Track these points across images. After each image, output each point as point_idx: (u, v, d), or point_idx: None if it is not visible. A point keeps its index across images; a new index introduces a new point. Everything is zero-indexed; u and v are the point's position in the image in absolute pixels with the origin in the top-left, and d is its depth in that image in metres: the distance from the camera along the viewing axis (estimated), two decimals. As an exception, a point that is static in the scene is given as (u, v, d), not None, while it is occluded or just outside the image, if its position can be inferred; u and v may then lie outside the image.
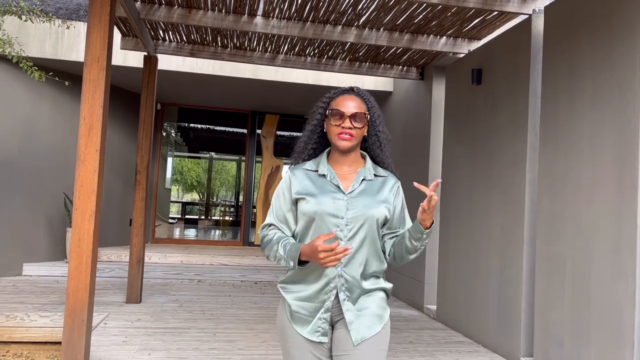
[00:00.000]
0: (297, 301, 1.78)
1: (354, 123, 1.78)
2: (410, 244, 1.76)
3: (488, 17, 4.78)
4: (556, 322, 3.63)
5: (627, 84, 3.11)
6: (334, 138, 1.80)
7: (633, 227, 3.00)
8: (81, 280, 3.38)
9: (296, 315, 1.77)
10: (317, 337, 1.75)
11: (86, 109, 3.44)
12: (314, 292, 1.76)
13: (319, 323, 1.75)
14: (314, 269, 1.75)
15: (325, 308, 1.75)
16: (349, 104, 1.79)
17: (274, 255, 1.78)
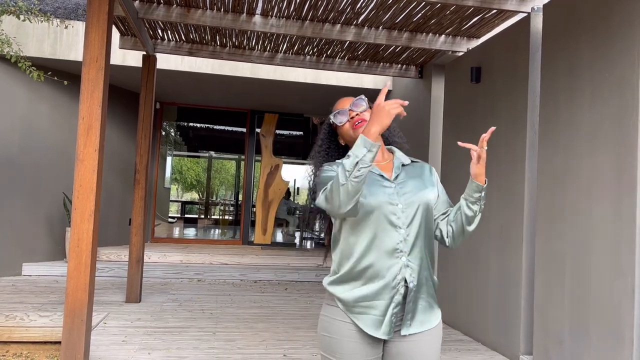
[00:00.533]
0: (364, 301, 1.64)
1: (357, 109, 1.77)
2: (469, 211, 1.70)
3: (487, 16, 4.77)
4: (555, 320, 3.63)
5: (627, 83, 3.11)
6: (352, 134, 1.77)
7: (632, 226, 3.00)
8: (80, 280, 3.38)
9: (365, 317, 1.64)
10: (389, 335, 1.66)
11: (85, 108, 3.44)
12: (382, 287, 1.64)
13: (392, 320, 1.65)
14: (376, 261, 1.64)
15: (396, 303, 1.65)
16: (344, 102, 1.82)
17: (343, 179, 1.48)
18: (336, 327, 1.67)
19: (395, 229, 1.65)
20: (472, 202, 1.70)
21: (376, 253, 1.64)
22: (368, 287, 1.64)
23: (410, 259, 1.66)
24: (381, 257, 1.64)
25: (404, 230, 1.66)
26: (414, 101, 6.63)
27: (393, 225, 1.66)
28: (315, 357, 4.00)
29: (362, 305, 1.64)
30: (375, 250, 1.64)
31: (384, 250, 1.64)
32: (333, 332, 1.68)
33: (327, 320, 1.70)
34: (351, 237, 1.68)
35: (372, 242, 1.65)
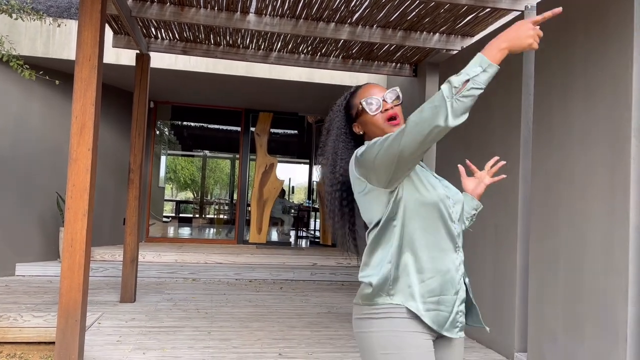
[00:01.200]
0: (433, 295, 1.47)
1: (392, 102, 1.62)
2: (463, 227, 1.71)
3: (481, 14, 4.78)
4: (550, 317, 3.65)
5: (620, 81, 3.12)
6: (385, 127, 1.59)
7: (625, 224, 3.01)
8: (74, 280, 3.37)
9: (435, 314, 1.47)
10: (457, 333, 1.53)
11: (78, 107, 3.42)
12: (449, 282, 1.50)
13: (457, 317, 1.52)
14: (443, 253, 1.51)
15: (461, 299, 1.53)
16: (373, 91, 1.63)
17: (449, 94, 1.28)
18: (404, 340, 1.44)
19: (453, 223, 1.57)
20: (467, 217, 1.72)
21: (443, 245, 1.52)
22: (437, 280, 1.48)
23: (462, 255, 1.60)
24: (446, 250, 1.52)
25: (457, 225, 1.58)
26: (408, 100, 6.64)
27: (452, 220, 1.56)
28: (310, 355, 4.00)
29: (431, 302, 1.47)
30: (442, 241, 1.52)
31: (449, 243, 1.53)
32: (403, 346, 1.44)
33: (391, 335, 1.44)
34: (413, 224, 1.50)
35: (439, 233, 1.52)
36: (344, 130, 1.68)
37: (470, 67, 1.29)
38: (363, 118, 1.63)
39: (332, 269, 7.80)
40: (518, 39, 1.29)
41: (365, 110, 1.61)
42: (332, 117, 1.71)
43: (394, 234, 1.51)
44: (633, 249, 2.98)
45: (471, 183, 1.72)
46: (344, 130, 1.68)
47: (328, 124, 1.72)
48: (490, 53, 1.30)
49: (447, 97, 1.26)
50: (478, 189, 1.71)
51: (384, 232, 1.53)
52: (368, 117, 1.61)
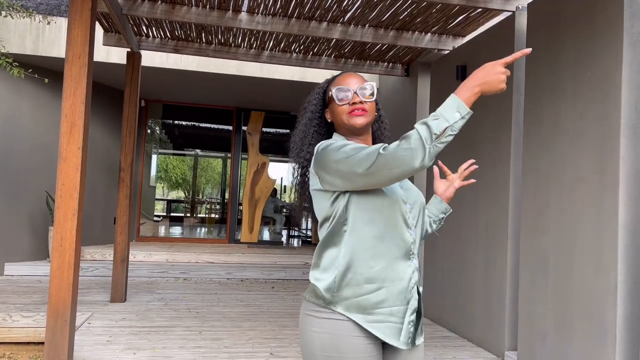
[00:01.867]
0: (384, 307, 1.44)
1: (363, 97, 1.56)
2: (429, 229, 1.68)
3: (472, 14, 4.80)
4: (540, 316, 3.67)
5: (609, 82, 3.14)
6: (345, 118, 1.55)
7: (614, 223, 3.04)
8: (64, 280, 3.34)
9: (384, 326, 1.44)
10: (408, 345, 1.48)
11: (67, 106, 3.39)
12: (401, 292, 1.46)
13: (408, 328, 1.47)
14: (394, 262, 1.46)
15: (412, 309, 1.48)
16: (350, 80, 1.58)
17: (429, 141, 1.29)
18: (347, 344, 1.41)
19: (409, 229, 1.52)
20: (435, 220, 1.69)
21: (395, 253, 1.47)
22: (387, 290, 1.44)
23: (417, 262, 1.55)
24: (398, 258, 1.47)
25: (413, 231, 1.54)
26: (400, 100, 6.65)
27: (407, 225, 1.51)
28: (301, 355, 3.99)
29: (380, 313, 1.43)
30: (394, 249, 1.47)
31: (401, 251, 1.48)
32: (344, 350, 1.42)
33: (332, 338, 1.42)
34: (365, 232, 1.46)
35: (392, 241, 1.47)
36: (318, 114, 1.65)
37: (448, 111, 1.31)
38: (332, 105, 1.60)
39: (323, 268, 7.79)
40: (490, 83, 1.33)
41: (333, 98, 1.58)
42: (310, 99, 1.68)
43: (344, 240, 1.47)
44: (622, 248, 3.01)
45: (442, 185, 1.70)
46: (318, 115, 1.65)
47: (306, 103, 1.69)
48: (464, 96, 1.32)
49: (426, 142, 1.29)
50: (448, 191, 1.68)
51: (334, 235, 1.50)
52: (335, 105, 1.58)
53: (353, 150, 1.40)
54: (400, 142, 1.32)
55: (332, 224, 1.51)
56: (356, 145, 1.42)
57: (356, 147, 1.41)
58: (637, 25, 3.07)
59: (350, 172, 1.39)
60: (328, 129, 1.67)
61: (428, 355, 4.15)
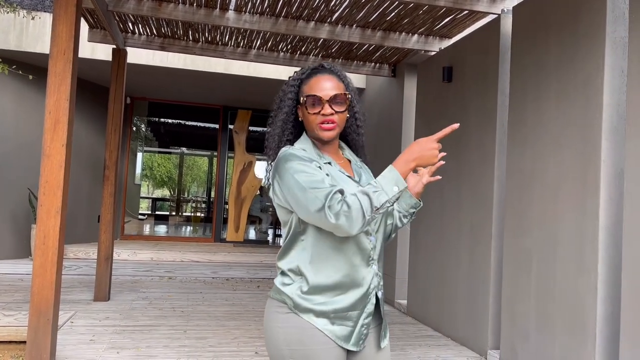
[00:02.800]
0: (341, 312, 1.49)
1: (335, 107, 1.54)
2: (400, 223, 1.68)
3: (458, 16, 4.84)
4: (522, 315, 3.72)
5: (592, 84, 3.20)
6: (315, 129, 1.55)
7: (595, 223, 3.09)
8: (46, 278, 3.30)
9: (339, 329, 1.49)
10: (361, 346, 1.53)
11: (52, 102, 3.35)
12: (359, 298, 1.51)
13: (361, 330, 1.53)
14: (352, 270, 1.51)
15: (367, 313, 1.53)
16: (325, 85, 1.54)
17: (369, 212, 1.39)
18: (311, 337, 1.47)
19: (368, 236, 1.54)
20: (405, 215, 1.68)
21: (353, 261, 1.51)
22: (345, 298, 1.50)
23: (378, 267, 1.58)
24: (357, 266, 1.51)
25: (373, 237, 1.56)
26: (386, 100, 6.68)
27: (366, 233, 1.54)
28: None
29: (338, 317, 1.49)
30: (352, 258, 1.51)
31: (359, 259, 1.52)
32: (308, 342, 1.47)
33: (297, 332, 1.48)
34: (323, 243, 1.50)
35: (349, 251, 1.51)
36: (294, 109, 1.63)
37: (388, 184, 1.41)
38: (303, 110, 1.59)
39: (309, 268, 7.80)
40: (424, 158, 1.45)
41: (305, 105, 1.56)
42: (287, 90, 1.63)
43: (303, 250, 1.51)
44: (603, 248, 3.06)
45: (412, 180, 1.68)
46: (294, 111, 1.63)
47: (282, 94, 1.65)
48: (402, 169, 1.43)
49: (366, 213, 1.38)
50: (417, 187, 1.66)
51: (293, 243, 1.54)
52: (306, 113, 1.57)
53: (306, 183, 1.43)
54: (342, 207, 1.38)
55: (290, 232, 1.55)
56: (310, 179, 1.44)
57: (310, 181, 1.43)
58: (619, 29, 3.12)
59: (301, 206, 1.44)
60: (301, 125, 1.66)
61: (412, 354, 4.19)
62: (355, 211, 1.37)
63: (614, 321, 3.06)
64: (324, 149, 1.61)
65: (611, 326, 3.06)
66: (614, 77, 3.11)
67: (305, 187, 1.42)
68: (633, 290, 2.76)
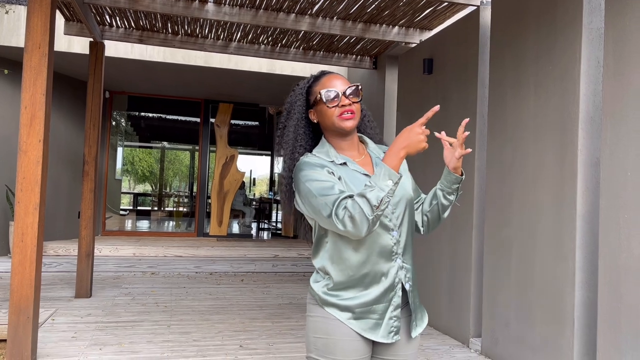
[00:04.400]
0: (365, 307, 1.56)
1: (351, 98, 1.61)
2: (446, 201, 1.67)
3: (438, 8, 4.86)
4: (503, 303, 3.79)
5: (569, 77, 3.25)
6: (335, 121, 1.60)
7: (572, 212, 3.15)
8: (26, 276, 3.26)
9: (363, 322, 1.56)
10: (392, 338, 1.58)
11: (27, 97, 3.29)
12: (381, 292, 1.56)
13: (390, 323, 1.58)
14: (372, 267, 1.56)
15: (395, 305, 1.58)
16: (335, 82, 1.63)
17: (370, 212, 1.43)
18: (334, 327, 1.56)
19: (389, 232, 1.58)
20: (450, 192, 1.67)
21: (373, 258, 1.56)
22: (369, 293, 1.56)
23: (404, 259, 1.61)
24: (378, 262, 1.57)
25: (396, 232, 1.59)
26: (368, 92, 6.70)
27: (386, 229, 1.58)
28: (271, 346, 4.01)
29: (362, 312, 1.57)
30: (371, 256, 1.56)
31: (380, 255, 1.57)
32: (331, 332, 1.56)
33: (323, 322, 1.58)
34: (341, 244, 1.57)
35: (368, 249, 1.56)
36: (305, 115, 1.68)
37: (381, 180, 1.45)
38: (319, 107, 1.64)
39: (293, 261, 7.82)
40: (412, 145, 1.49)
41: (322, 100, 1.61)
42: (294, 100, 1.69)
43: (327, 250, 1.60)
44: (580, 237, 3.13)
45: (448, 155, 1.65)
46: (305, 115, 1.68)
47: (289, 105, 1.70)
48: (392, 162, 1.48)
49: (368, 216, 1.42)
50: (452, 162, 1.63)
51: (319, 244, 1.63)
52: (324, 107, 1.62)
53: (317, 190, 1.50)
54: (345, 213, 1.44)
55: (315, 234, 1.65)
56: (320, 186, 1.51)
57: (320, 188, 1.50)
58: (595, 21, 3.17)
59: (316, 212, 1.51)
60: (314, 129, 1.71)
61: (396, 343, 4.23)
62: (358, 215, 1.42)
63: (591, 307, 3.13)
64: (343, 147, 1.66)
65: (589, 312, 3.13)
66: (590, 67, 3.17)
67: (316, 194, 1.50)
68: (609, 276, 2.83)
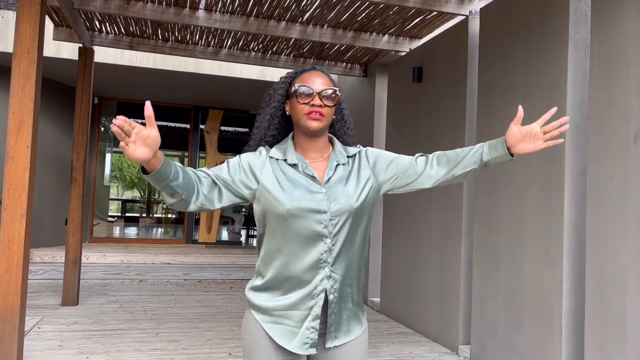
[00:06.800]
0: (280, 310, 1.52)
1: (324, 101, 1.56)
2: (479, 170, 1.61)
3: (428, 17, 4.91)
4: (492, 310, 3.81)
5: (556, 84, 3.29)
6: (302, 119, 1.55)
7: (560, 220, 3.18)
8: (12, 284, 3.22)
9: (278, 327, 1.52)
10: (306, 350, 1.52)
11: (15, 103, 3.27)
12: (300, 298, 1.51)
13: (306, 334, 1.51)
14: (296, 271, 1.51)
15: (314, 315, 1.52)
16: (316, 80, 1.57)
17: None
18: (256, 328, 1.54)
19: (321, 239, 1.51)
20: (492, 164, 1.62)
21: (298, 263, 1.51)
22: (287, 297, 1.52)
23: (334, 269, 1.53)
24: (303, 268, 1.51)
25: (329, 239, 1.52)
26: (358, 100, 6.73)
27: (318, 235, 1.51)
28: (260, 354, 3.99)
29: (276, 315, 1.53)
30: (296, 260, 1.51)
31: (306, 261, 1.51)
32: (253, 333, 1.55)
33: (248, 322, 1.57)
34: (271, 244, 1.54)
35: (294, 252, 1.51)
36: (283, 104, 1.65)
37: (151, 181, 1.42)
38: (292, 101, 1.60)
39: (283, 268, 7.79)
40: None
41: (296, 94, 1.57)
42: (276, 88, 1.66)
43: (262, 249, 1.58)
44: (567, 244, 3.16)
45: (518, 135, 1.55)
46: (283, 105, 1.65)
47: (272, 92, 1.67)
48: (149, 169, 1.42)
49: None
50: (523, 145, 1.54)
51: (259, 243, 1.62)
52: (295, 102, 1.57)
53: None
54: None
55: (258, 230, 1.62)
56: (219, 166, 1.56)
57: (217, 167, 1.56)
58: (581, 32, 3.22)
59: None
60: (289, 121, 1.68)
61: (385, 351, 4.23)
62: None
63: (578, 314, 3.16)
64: (305, 147, 1.61)
65: (576, 319, 3.16)
66: (577, 77, 3.21)
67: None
68: (596, 284, 2.86)
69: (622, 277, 2.70)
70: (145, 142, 1.28)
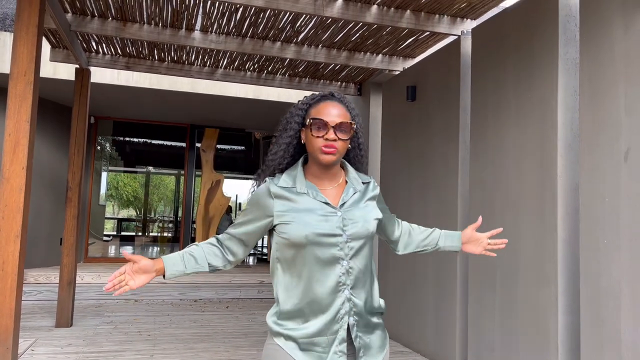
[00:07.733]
0: (307, 338, 1.53)
1: (339, 134, 1.57)
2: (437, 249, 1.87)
3: (421, 37, 4.98)
4: (487, 328, 3.80)
5: (547, 103, 3.34)
6: (316, 152, 1.57)
7: (554, 237, 3.20)
8: (5, 305, 3.20)
9: (307, 354, 1.53)
10: None
11: (11, 124, 3.28)
12: (325, 324, 1.53)
13: (335, 358, 1.53)
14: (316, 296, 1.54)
15: (340, 339, 1.54)
16: (331, 112, 1.58)
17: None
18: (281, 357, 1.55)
19: (338, 262, 1.55)
20: (442, 250, 1.88)
21: (318, 288, 1.53)
22: (312, 324, 1.53)
23: (353, 292, 1.57)
24: (323, 293, 1.53)
25: (346, 262, 1.56)
26: (353, 117, 6.77)
27: (335, 258, 1.55)
28: (256, 375, 3.96)
29: (306, 343, 1.54)
30: (316, 285, 1.54)
31: (326, 286, 1.54)
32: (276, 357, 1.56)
33: (272, 350, 1.57)
34: (289, 271, 1.57)
35: (313, 278, 1.54)
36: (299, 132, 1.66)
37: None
38: (307, 132, 1.61)
39: (279, 286, 7.75)
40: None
41: (310, 127, 1.59)
42: (294, 114, 1.67)
43: (278, 277, 1.61)
44: (561, 261, 3.17)
45: (472, 236, 1.86)
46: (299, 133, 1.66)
47: (288, 117, 1.68)
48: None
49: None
50: (470, 246, 1.86)
51: (273, 271, 1.64)
52: (310, 135, 1.59)
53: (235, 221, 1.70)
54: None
55: (272, 255, 1.65)
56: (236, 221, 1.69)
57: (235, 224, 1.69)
58: (570, 51, 3.28)
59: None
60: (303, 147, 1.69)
61: (382, 370, 4.19)
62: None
63: (574, 331, 3.16)
64: (317, 174, 1.64)
65: (572, 336, 3.15)
66: (567, 95, 3.26)
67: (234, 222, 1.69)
68: (591, 301, 2.86)
69: (616, 293, 2.70)
70: (139, 272, 1.56)
